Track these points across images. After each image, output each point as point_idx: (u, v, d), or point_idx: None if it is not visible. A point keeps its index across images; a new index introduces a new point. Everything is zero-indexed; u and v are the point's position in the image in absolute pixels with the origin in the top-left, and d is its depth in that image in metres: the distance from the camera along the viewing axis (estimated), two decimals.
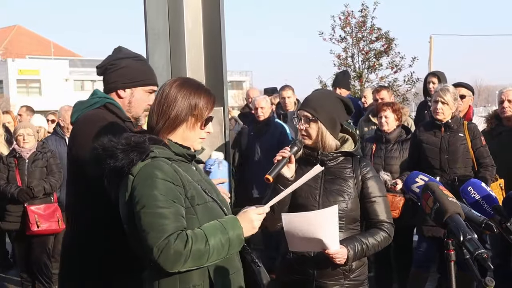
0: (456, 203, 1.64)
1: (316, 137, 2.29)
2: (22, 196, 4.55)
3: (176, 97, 1.78)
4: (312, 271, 2.25)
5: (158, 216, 1.61)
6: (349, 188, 2.28)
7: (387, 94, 5.27)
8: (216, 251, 1.65)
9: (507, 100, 4.16)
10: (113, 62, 2.24)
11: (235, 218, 1.75)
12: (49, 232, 4.66)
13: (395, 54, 12.68)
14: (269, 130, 5.23)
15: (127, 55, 2.26)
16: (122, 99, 2.23)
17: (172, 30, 3.33)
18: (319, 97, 2.37)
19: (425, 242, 3.94)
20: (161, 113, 1.78)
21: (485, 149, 3.90)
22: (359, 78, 12.83)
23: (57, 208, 4.72)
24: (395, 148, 4.29)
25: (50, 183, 4.65)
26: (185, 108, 1.78)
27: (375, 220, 2.29)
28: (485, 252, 1.46)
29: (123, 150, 1.68)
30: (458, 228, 1.54)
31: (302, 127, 2.30)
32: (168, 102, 1.77)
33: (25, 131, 4.68)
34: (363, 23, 12.74)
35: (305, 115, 2.30)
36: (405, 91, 12.89)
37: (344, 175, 2.30)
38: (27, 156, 4.67)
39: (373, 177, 2.32)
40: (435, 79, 5.31)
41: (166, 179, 1.66)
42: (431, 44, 23.25)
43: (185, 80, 1.86)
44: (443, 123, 3.90)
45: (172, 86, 1.80)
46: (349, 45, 12.91)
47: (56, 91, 37.83)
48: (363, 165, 2.33)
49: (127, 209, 1.69)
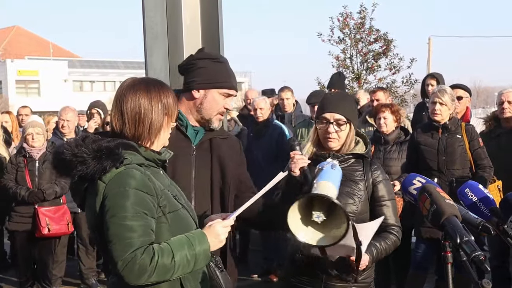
0: (453, 205, 1.64)
1: (345, 140, 2.29)
2: (34, 198, 4.47)
3: (150, 102, 1.74)
4: (321, 273, 2.25)
5: (126, 228, 1.60)
6: (359, 190, 2.28)
7: (383, 96, 5.26)
8: (181, 267, 1.64)
9: (507, 102, 4.17)
10: (192, 62, 2.22)
11: (203, 233, 1.73)
12: (59, 235, 4.61)
13: (394, 55, 12.73)
14: (268, 131, 5.24)
15: (207, 56, 2.24)
16: (195, 100, 2.19)
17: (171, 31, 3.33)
18: (343, 99, 2.37)
19: (423, 243, 3.94)
20: (138, 121, 1.73)
21: (483, 151, 3.91)
22: (357, 80, 12.86)
23: (66, 210, 4.64)
24: (393, 150, 4.29)
25: (61, 186, 4.54)
26: (160, 112, 1.76)
27: (385, 223, 2.29)
28: (482, 254, 1.46)
29: (94, 156, 1.64)
30: (455, 230, 1.54)
31: (332, 130, 2.27)
32: (143, 109, 1.73)
33: (34, 130, 4.53)
34: (362, 24, 12.77)
35: (338, 119, 2.28)
36: (403, 92, 12.93)
37: (355, 177, 2.30)
38: (38, 157, 4.53)
39: (384, 181, 2.33)
40: (433, 81, 5.31)
41: (139, 189, 1.63)
42: (430, 45, 23.28)
43: (145, 82, 1.80)
44: (441, 125, 3.91)
45: (138, 91, 1.75)
46: (347, 47, 12.94)
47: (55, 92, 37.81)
48: (374, 168, 2.33)
49: (96, 216, 1.66)
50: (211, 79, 2.18)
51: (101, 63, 44.48)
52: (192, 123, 2.21)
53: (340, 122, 2.28)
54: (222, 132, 2.32)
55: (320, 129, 2.31)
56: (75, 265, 5.42)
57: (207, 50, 2.31)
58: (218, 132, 2.26)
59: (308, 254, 2.22)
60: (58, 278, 5.05)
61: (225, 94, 2.20)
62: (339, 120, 2.28)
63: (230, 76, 2.23)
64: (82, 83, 43.27)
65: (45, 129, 4.76)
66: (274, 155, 5.03)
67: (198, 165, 2.18)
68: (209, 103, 2.19)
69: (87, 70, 42.94)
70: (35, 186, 4.51)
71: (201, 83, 2.18)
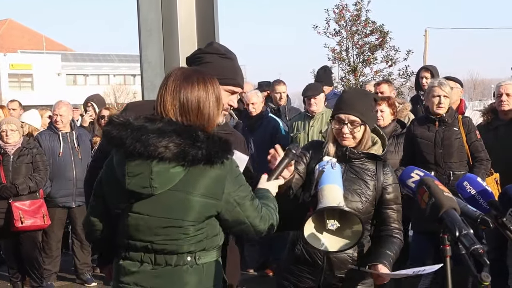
0: (451, 198, 1.64)
1: (360, 139, 2.29)
2: (5, 192, 4.52)
3: (207, 94, 1.82)
4: (321, 267, 2.27)
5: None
6: (368, 190, 2.27)
7: (387, 88, 5.19)
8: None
9: (505, 94, 4.14)
10: (199, 55, 2.18)
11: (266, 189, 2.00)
12: (34, 228, 4.63)
13: (390, 47, 12.70)
14: (262, 124, 5.23)
15: (215, 50, 2.19)
16: None
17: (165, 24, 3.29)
18: (360, 98, 2.34)
19: (420, 237, 3.94)
20: (198, 111, 1.80)
21: (480, 143, 3.90)
22: (353, 72, 12.83)
23: (42, 204, 4.69)
24: (390, 142, 4.28)
25: (36, 181, 4.62)
26: (216, 102, 1.84)
27: (391, 227, 2.30)
28: (481, 247, 1.46)
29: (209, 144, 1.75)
30: (453, 223, 1.53)
31: (347, 130, 2.27)
32: (202, 100, 1.81)
33: (8, 127, 4.63)
34: (358, 16, 12.73)
35: (353, 120, 2.26)
36: (400, 85, 12.91)
37: (366, 177, 2.29)
38: (12, 152, 4.63)
39: (394, 184, 2.32)
40: (427, 73, 5.30)
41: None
42: (426, 37, 23.25)
43: (199, 72, 1.87)
44: (438, 117, 3.90)
45: (198, 83, 1.81)
46: (343, 39, 12.90)
47: (48, 86, 37.59)
48: (386, 171, 2.33)
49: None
50: (217, 75, 2.10)
51: (94, 57, 44.20)
52: None
53: (355, 123, 2.26)
54: (226, 128, 2.30)
55: (335, 129, 2.30)
56: (69, 260, 5.41)
57: (217, 44, 2.26)
58: (223, 127, 2.24)
59: (309, 249, 2.23)
60: (52, 273, 5.05)
61: (230, 91, 2.18)
62: (354, 121, 2.26)
63: (237, 74, 2.20)
64: (75, 76, 42.98)
65: (20, 125, 4.85)
66: (268, 148, 5.00)
67: None
68: None
69: (80, 64, 42.65)
70: (9, 181, 4.57)
71: None
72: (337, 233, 1.99)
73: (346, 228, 1.99)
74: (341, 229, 1.99)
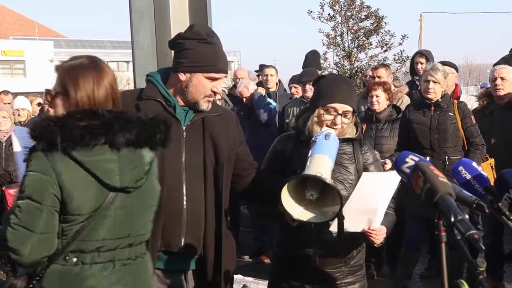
0: (447, 183, 1.61)
1: (345, 128, 2.23)
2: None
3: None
4: (314, 259, 2.21)
5: None
6: (350, 175, 2.22)
7: (385, 72, 5.11)
8: None
9: (499, 78, 4.13)
10: (180, 41, 2.13)
11: None
12: None
13: (385, 32, 12.63)
14: None
15: (194, 35, 2.11)
16: (181, 83, 2.12)
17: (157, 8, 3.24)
18: (350, 86, 2.30)
19: (415, 223, 3.94)
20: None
21: (475, 128, 3.89)
22: (348, 57, 12.76)
23: None
24: (385, 128, 4.26)
25: None
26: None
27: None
28: (477, 233, 1.44)
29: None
30: (449, 208, 1.51)
31: (339, 121, 2.19)
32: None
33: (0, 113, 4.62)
34: (352, 1, 12.62)
35: (347, 111, 2.19)
36: (395, 70, 12.86)
37: (344, 161, 2.23)
38: (4, 139, 4.61)
39: (374, 162, 2.28)
40: (422, 59, 5.26)
41: None
42: (422, 22, 23.16)
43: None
44: (433, 102, 3.88)
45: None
46: (338, 24, 12.80)
47: (40, 72, 37.22)
48: (364, 150, 2.27)
49: None
50: (197, 62, 2.08)
51: (87, 43, 43.76)
52: (181, 104, 2.15)
53: (348, 113, 2.20)
54: (216, 109, 2.22)
55: (325, 119, 2.19)
56: None
57: (198, 28, 2.18)
58: (211, 110, 2.17)
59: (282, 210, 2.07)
60: None
61: (211, 78, 2.12)
62: (348, 112, 2.20)
63: (218, 59, 2.12)
64: None
65: (11, 112, 4.82)
66: (263, 133, 5.10)
67: (189, 146, 2.11)
68: (195, 87, 2.11)
69: (73, 50, 42.10)
70: (1, 168, 4.57)
71: (186, 66, 2.10)
72: (315, 206, 1.93)
73: (326, 204, 1.92)
74: (320, 203, 1.92)
